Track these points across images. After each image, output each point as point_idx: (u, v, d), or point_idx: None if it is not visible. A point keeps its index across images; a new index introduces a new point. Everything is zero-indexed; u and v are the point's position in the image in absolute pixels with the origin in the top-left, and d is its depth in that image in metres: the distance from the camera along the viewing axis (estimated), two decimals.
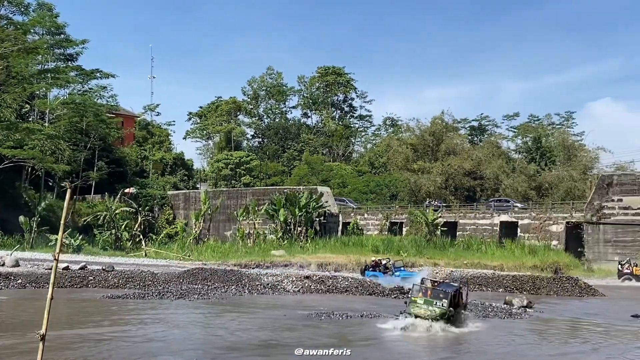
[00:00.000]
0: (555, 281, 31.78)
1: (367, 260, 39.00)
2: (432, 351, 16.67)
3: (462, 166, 63.99)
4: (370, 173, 76.28)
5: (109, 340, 16.54)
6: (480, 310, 23.02)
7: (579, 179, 59.93)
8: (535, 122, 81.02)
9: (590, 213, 47.90)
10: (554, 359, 15.46)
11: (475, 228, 54.03)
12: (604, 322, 21.52)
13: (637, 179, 47.42)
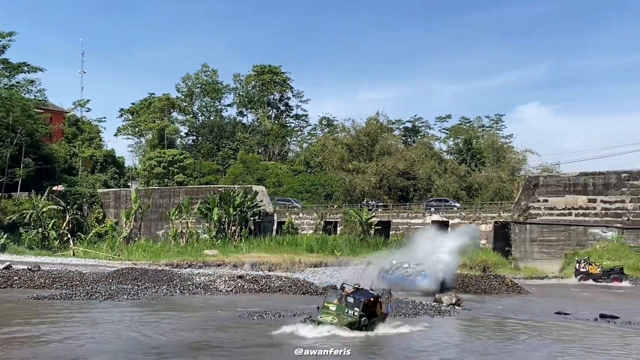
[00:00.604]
0: (483, 279, 32.61)
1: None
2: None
3: (396, 166, 64.85)
4: (306, 172, 76.45)
5: (34, 342, 15.96)
6: (411, 308, 23.37)
7: (507, 180, 61.68)
8: (467, 124, 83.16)
9: (518, 213, 49.42)
10: (480, 356, 15.76)
11: (408, 227, 54.85)
12: (529, 319, 22.19)
13: (561, 180, 49.19)
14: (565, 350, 16.59)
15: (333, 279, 34.18)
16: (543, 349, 16.71)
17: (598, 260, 41.25)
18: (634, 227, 44.82)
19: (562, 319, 22.38)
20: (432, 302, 25.26)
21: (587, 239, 46.22)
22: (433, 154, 70.73)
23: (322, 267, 38.36)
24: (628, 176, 46.15)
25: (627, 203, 45.49)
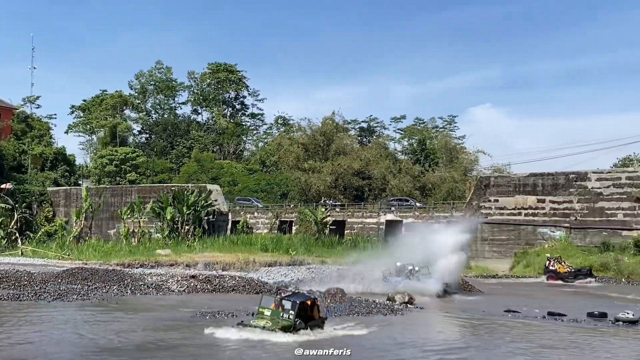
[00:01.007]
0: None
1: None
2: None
3: (351, 166, 65.27)
4: (261, 172, 76.24)
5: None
6: (364, 307, 23.49)
7: (460, 180, 62.69)
8: (421, 125, 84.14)
9: (469, 213, 50.23)
10: (429, 355, 15.94)
11: (362, 227, 55.29)
12: (480, 317, 22.56)
13: (512, 180, 50.24)
14: (518, 346, 16.90)
15: (287, 278, 34.15)
16: (499, 347, 16.98)
17: (546, 258, 42.26)
18: (580, 227, 46.07)
19: (511, 317, 22.81)
20: (385, 301, 25.45)
21: (536, 238, 47.33)
22: (388, 154, 71.40)
23: (276, 267, 38.16)
24: (576, 177, 47.38)
25: (574, 203, 46.71)
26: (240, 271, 36.81)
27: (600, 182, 46.33)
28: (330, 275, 32.67)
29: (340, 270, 33.94)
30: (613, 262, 40.25)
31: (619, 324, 20.49)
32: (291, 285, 30.44)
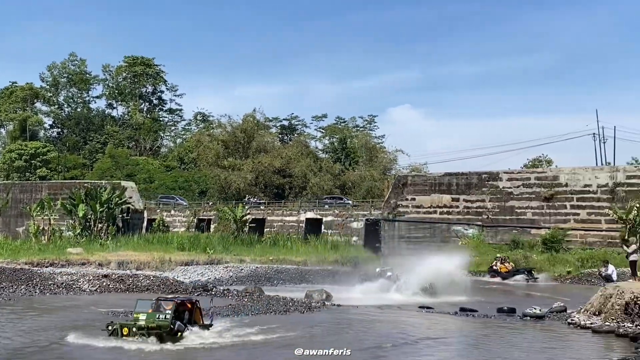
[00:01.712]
0: (353, 275, 33.34)
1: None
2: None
3: (272, 164, 65.11)
4: (179, 169, 74.88)
5: None
6: (282, 305, 23.39)
7: (379, 179, 63.69)
8: (342, 123, 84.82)
9: (387, 211, 51.12)
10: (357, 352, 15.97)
11: (282, 225, 55.21)
12: (395, 313, 22.89)
13: (428, 180, 51.43)
14: (432, 341, 17.20)
15: (204, 277, 33.71)
16: (404, 341, 17.22)
17: None
18: (492, 224, 47.69)
19: (425, 312, 23.28)
20: (303, 299, 25.44)
21: (450, 235, 48.65)
22: (309, 152, 71.65)
23: (193, 266, 37.57)
24: (488, 177, 49.00)
25: (487, 202, 48.30)
26: (155, 270, 36.02)
27: (511, 182, 48.10)
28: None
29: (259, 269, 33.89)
30: (522, 259, 41.80)
31: (526, 319, 21.25)
32: (209, 284, 30.06)
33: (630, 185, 44.18)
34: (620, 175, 45.00)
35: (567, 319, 20.70)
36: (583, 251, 42.11)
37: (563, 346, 16.95)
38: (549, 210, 46.29)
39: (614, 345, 16.30)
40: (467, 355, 15.29)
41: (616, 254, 37.56)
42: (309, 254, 42.47)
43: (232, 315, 20.75)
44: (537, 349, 16.33)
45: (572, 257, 40.95)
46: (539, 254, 42.59)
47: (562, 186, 46.34)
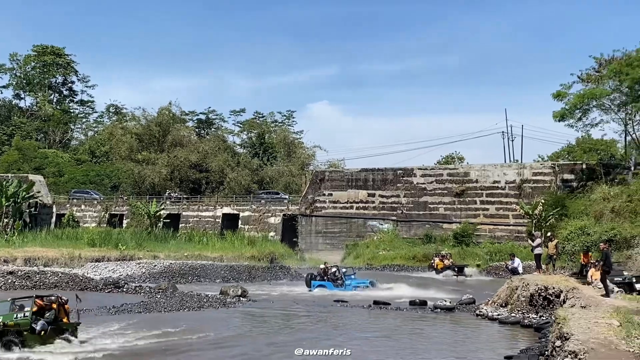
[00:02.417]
0: (270, 270, 33.28)
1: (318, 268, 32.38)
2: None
3: (188, 158, 63.93)
4: (91, 162, 72.25)
5: None
6: (196, 302, 23.01)
7: (297, 174, 63.75)
8: (260, 119, 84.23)
9: (305, 206, 51.31)
10: (272, 348, 15.86)
11: (198, 220, 54.41)
12: (310, 308, 22.96)
13: (345, 175, 51.96)
14: (343, 334, 17.31)
15: (116, 273, 32.71)
16: (323, 336, 17.27)
17: (374, 250, 44.30)
18: (406, 219, 48.74)
19: (340, 306, 23.47)
20: (218, 295, 25.13)
21: (366, 230, 49.37)
22: (226, 147, 70.85)
23: (104, 262, 36.35)
24: (403, 173, 50.02)
25: (401, 197, 49.30)
26: (64, 267, 34.61)
27: (425, 177, 49.29)
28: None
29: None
30: (434, 253, 42.89)
31: (437, 311, 21.80)
32: (120, 280, 29.19)
33: (536, 181, 46.19)
34: (527, 172, 46.97)
35: (476, 310, 21.40)
36: (492, 245, 43.71)
37: (471, 336, 17.47)
38: (460, 206, 47.76)
39: (520, 336, 16.94)
40: (378, 346, 15.47)
41: (522, 248, 39.21)
42: (225, 250, 41.99)
43: (126, 312, 20.17)
44: (446, 340, 16.76)
45: (481, 251, 42.45)
46: (451, 248, 43.84)
47: (472, 182, 47.90)
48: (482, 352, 14.42)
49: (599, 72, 44.43)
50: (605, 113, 44.15)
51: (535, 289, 19.89)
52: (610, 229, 34.58)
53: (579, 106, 43.37)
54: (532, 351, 13.05)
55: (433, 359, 13.89)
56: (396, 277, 33.34)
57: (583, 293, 17.76)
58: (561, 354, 10.05)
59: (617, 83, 41.98)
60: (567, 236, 36.60)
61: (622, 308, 14.69)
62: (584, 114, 44.15)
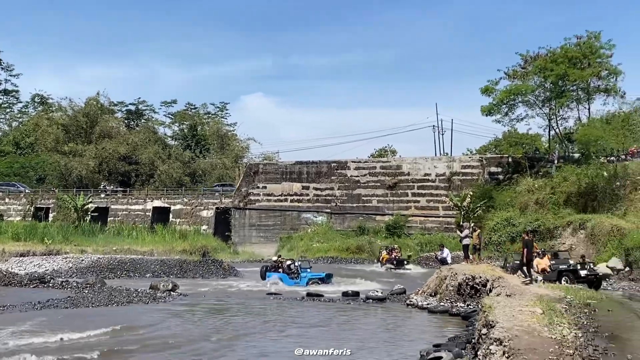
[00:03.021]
0: (202, 264, 32.89)
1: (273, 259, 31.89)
2: None
3: (117, 150, 62.40)
4: (15, 154, 69.47)
5: None
6: (125, 297, 22.49)
7: (231, 167, 63.23)
8: (192, 110, 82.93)
9: (238, 199, 50.96)
10: (201, 342, 15.63)
11: (127, 214, 53.26)
12: (242, 301, 22.82)
13: (279, 168, 51.89)
14: (278, 324, 17.29)
15: (42, 268, 31.60)
16: (260, 329, 17.19)
17: (308, 242, 44.53)
18: (340, 212, 49.15)
19: (272, 299, 23.44)
20: (147, 289, 24.64)
21: (300, 223, 49.51)
22: (157, 138, 69.58)
23: (29, 257, 35.05)
24: (337, 166, 50.38)
25: (335, 190, 49.66)
26: None
27: (358, 170, 49.80)
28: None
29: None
30: (367, 245, 43.49)
31: (369, 301, 22.07)
32: (46, 275, 28.21)
33: (464, 174, 47.41)
34: (456, 165, 48.14)
35: (406, 300, 21.78)
36: (422, 236, 44.68)
37: (401, 325, 17.78)
38: (393, 198, 48.52)
39: (448, 324, 17.32)
40: (310, 337, 15.52)
41: (451, 239, 40.17)
42: (156, 244, 41.23)
43: (53, 307, 19.54)
44: (377, 329, 16.99)
45: (412, 242, 43.31)
46: (383, 239, 44.53)
47: (404, 175, 48.73)
48: (412, 340, 14.67)
49: (525, 69, 45.98)
50: (531, 108, 45.78)
51: (463, 278, 20.39)
52: (534, 219, 35.96)
53: (506, 101, 44.82)
54: (459, 339, 13.36)
55: (364, 347, 14.03)
56: (340, 270, 33.43)
57: (508, 282, 18.32)
58: (487, 341, 10.32)
59: (541, 79, 43.57)
60: (493, 227, 37.85)
61: (545, 296, 15.26)
62: (510, 109, 45.64)
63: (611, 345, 11.60)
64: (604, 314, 16.20)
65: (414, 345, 13.58)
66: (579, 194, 36.82)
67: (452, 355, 10.92)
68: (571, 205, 36.72)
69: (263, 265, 30.07)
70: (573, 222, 33.25)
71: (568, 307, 15.13)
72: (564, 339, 10.12)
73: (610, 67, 42.66)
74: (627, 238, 26.68)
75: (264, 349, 14.03)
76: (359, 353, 13.35)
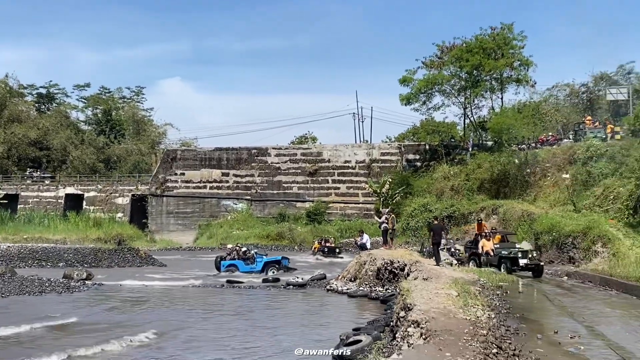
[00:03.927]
0: (117, 253, 32.06)
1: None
2: None
3: (27, 135, 59.62)
4: None
5: None
6: (37, 286, 21.62)
7: (147, 153, 61.69)
8: (107, 94, 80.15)
9: (155, 186, 49.83)
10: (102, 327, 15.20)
11: (38, 201, 51.19)
12: (159, 291, 22.39)
13: (198, 154, 51.06)
14: (196, 312, 17.05)
15: None
16: (173, 314, 16.91)
17: (228, 229, 44.20)
18: (260, 199, 48.94)
19: (191, 287, 23.15)
20: (61, 279, 23.78)
21: (220, 210, 49.00)
22: (69, 123, 66.86)
23: None
24: (257, 152, 50.08)
25: (256, 177, 49.39)
26: None
27: (279, 157, 49.71)
28: None
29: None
30: (288, 231, 43.58)
31: (289, 288, 22.12)
32: None
33: (383, 161, 48.20)
34: (376, 152, 48.86)
35: (326, 285, 21.97)
36: (342, 222, 45.16)
37: (321, 310, 17.93)
38: (313, 185, 48.76)
39: (367, 308, 17.59)
40: (229, 322, 15.40)
41: (370, 225, 40.80)
42: (69, 232, 39.78)
43: None
44: (297, 313, 17.06)
45: (332, 228, 43.67)
46: (303, 226, 44.72)
47: (325, 162, 49.04)
48: (331, 325, 14.80)
49: (441, 59, 47.06)
50: (447, 97, 46.97)
51: (381, 263, 20.75)
52: (450, 205, 36.99)
53: (423, 91, 45.78)
54: (378, 322, 13.57)
55: (284, 332, 14.04)
56: None
57: (425, 266, 18.77)
58: (405, 323, 10.51)
59: (457, 69, 44.72)
60: (411, 213, 38.69)
61: (460, 279, 15.73)
62: (427, 98, 46.67)
63: (522, 326, 12.14)
64: (515, 295, 16.91)
65: (333, 329, 13.69)
66: (491, 180, 38.14)
67: (371, 338, 11.07)
68: (484, 191, 38.00)
69: (217, 256, 29.36)
70: (486, 207, 34.40)
71: (482, 289, 15.69)
72: (478, 320, 10.44)
73: (523, 58, 44.25)
74: (536, 222, 27.80)
75: (188, 339, 13.80)
76: (278, 338, 13.35)
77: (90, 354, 12.15)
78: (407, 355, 7.85)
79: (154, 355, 12.14)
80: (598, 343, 10.87)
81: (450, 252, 25.20)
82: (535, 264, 21.59)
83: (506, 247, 22.76)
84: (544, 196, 33.94)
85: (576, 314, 13.90)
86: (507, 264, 21.66)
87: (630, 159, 28.52)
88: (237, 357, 11.94)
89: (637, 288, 16.77)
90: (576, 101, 53.96)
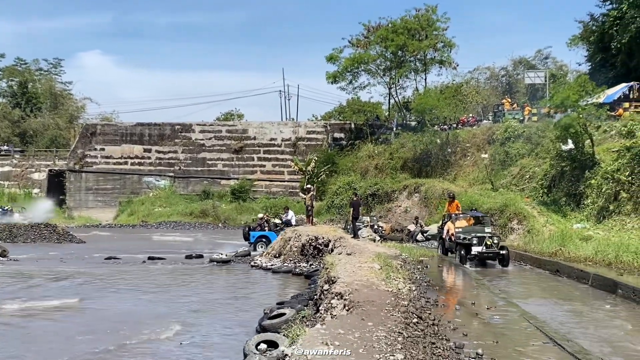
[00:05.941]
0: (34, 228, 30.90)
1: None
2: None
3: None
4: None
5: None
6: None
7: (65, 128, 59.56)
8: (23, 66, 76.46)
9: (74, 161, 48.16)
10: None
11: None
12: (79, 266, 21.71)
13: (119, 129, 49.61)
14: (116, 288, 16.62)
15: None
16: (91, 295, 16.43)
17: (150, 207, 43.35)
18: (184, 176, 48.16)
19: (112, 263, 22.59)
20: None
21: (141, 187, 47.92)
22: None
23: None
24: (181, 128, 49.14)
25: (179, 153, 48.51)
26: None
27: (204, 134, 48.95)
28: None
29: None
30: (212, 209, 43.11)
31: (213, 264, 21.92)
32: None
33: (309, 139, 48.29)
34: (302, 130, 48.87)
35: (251, 262, 21.91)
36: (267, 200, 45.06)
37: (245, 286, 17.86)
38: (238, 162, 48.37)
39: (291, 283, 17.65)
40: (150, 300, 15.11)
41: (296, 202, 40.90)
42: None
43: None
44: (221, 290, 16.92)
45: (257, 206, 43.54)
46: (228, 204, 44.36)
47: (250, 139, 48.68)
48: (255, 300, 14.76)
49: (368, 38, 47.36)
50: (373, 77, 47.41)
51: (306, 239, 20.84)
52: (374, 184, 37.50)
53: (350, 69, 46.01)
54: (302, 296, 13.63)
55: (207, 309, 13.88)
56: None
57: (349, 242, 18.99)
58: (329, 296, 10.60)
59: (383, 49, 45.15)
60: (336, 191, 39.01)
61: (383, 254, 15.98)
62: (354, 77, 46.96)
63: (441, 298, 12.51)
64: (435, 269, 17.37)
65: (257, 304, 13.67)
66: (414, 159, 38.93)
67: (294, 311, 11.11)
68: (407, 170, 38.76)
69: (245, 226, 28.07)
70: (409, 186, 35.05)
71: (403, 263, 16.04)
72: (399, 291, 10.65)
73: (446, 39, 45.17)
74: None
75: (101, 311, 13.44)
76: (201, 314, 13.20)
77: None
78: (331, 325, 7.91)
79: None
80: (513, 313, 11.33)
81: (374, 228, 25.54)
82: (494, 252, 18.15)
83: (469, 232, 19.18)
84: (464, 175, 34.95)
85: (492, 287, 14.43)
86: (461, 252, 18.51)
87: (546, 140, 29.72)
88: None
89: (549, 263, 17.56)
90: (496, 84, 55.71)
